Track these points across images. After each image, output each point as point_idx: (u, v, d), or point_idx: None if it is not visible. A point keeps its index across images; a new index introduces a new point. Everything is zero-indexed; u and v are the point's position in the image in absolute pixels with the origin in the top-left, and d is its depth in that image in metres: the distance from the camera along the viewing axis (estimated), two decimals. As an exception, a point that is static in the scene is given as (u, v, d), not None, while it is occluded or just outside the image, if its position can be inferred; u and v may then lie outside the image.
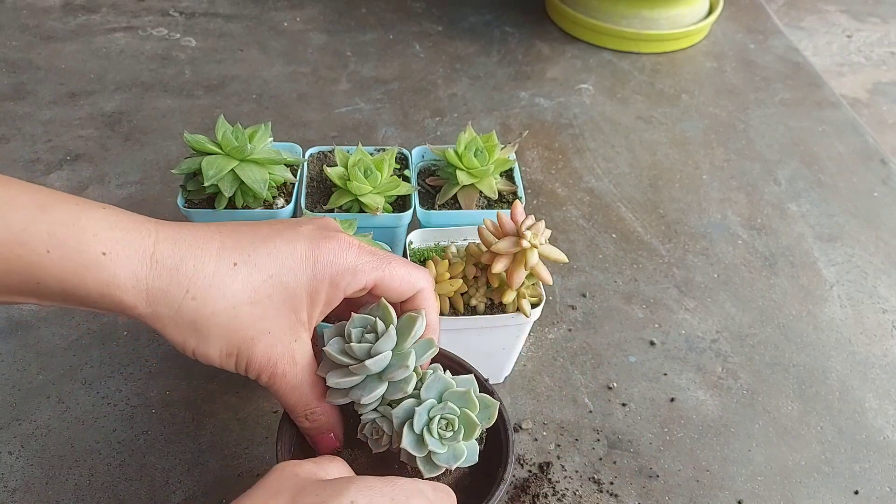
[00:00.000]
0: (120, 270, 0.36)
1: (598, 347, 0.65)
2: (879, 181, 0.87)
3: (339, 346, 0.42)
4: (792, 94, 1.00)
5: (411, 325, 0.42)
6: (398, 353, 0.41)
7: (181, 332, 0.38)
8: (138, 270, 0.36)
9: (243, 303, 0.38)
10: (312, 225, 0.42)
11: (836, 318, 0.70)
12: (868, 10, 1.56)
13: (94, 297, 0.36)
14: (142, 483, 0.53)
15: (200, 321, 0.38)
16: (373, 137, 0.86)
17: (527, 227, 0.50)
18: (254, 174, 0.59)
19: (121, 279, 0.36)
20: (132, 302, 0.37)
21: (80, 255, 0.35)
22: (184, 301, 0.37)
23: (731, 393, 0.62)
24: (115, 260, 0.36)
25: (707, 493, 0.55)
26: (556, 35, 1.08)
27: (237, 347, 0.39)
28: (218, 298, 0.38)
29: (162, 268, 0.37)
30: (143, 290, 0.36)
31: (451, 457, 0.41)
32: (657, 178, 0.84)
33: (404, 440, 0.40)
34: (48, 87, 0.91)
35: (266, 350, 0.39)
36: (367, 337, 0.41)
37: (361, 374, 0.41)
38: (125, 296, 0.36)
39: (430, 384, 0.42)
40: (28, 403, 0.57)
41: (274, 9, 1.10)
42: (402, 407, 0.41)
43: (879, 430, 0.60)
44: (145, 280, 0.36)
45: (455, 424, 0.41)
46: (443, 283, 0.53)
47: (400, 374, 0.41)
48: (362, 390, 0.41)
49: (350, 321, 0.42)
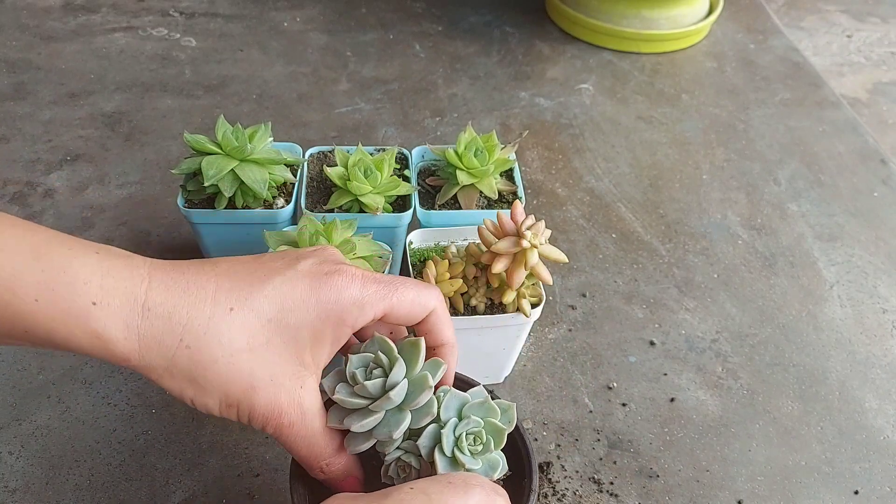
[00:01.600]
0: (110, 321, 0.34)
1: (598, 347, 0.65)
2: (879, 181, 0.87)
3: (349, 390, 0.40)
4: (792, 94, 1.00)
5: (415, 349, 0.40)
6: (414, 379, 0.39)
7: (177, 382, 0.36)
8: (129, 320, 0.34)
9: (241, 350, 0.36)
10: (313, 259, 0.39)
11: (836, 318, 0.70)
12: (868, 10, 1.56)
13: (86, 347, 0.34)
14: (142, 483, 0.53)
15: (197, 371, 0.36)
16: (373, 137, 0.86)
17: (527, 227, 0.50)
18: (254, 174, 0.59)
19: (111, 331, 0.34)
20: (124, 354, 0.35)
21: (70, 305, 0.33)
22: (178, 350, 0.35)
23: (731, 393, 0.62)
24: (105, 310, 0.34)
25: (707, 493, 0.55)
26: (556, 35, 1.08)
27: (237, 398, 0.37)
28: (214, 346, 0.36)
29: (154, 316, 0.35)
30: (135, 339, 0.35)
31: (488, 469, 0.40)
32: (657, 178, 0.84)
33: (439, 466, 0.39)
34: (48, 87, 0.91)
35: (269, 399, 0.37)
36: (376, 372, 0.39)
37: (381, 410, 0.39)
38: (116, 347, 0.35)
39: (446, 404, 0.41)
40: (28, 403, 0.57)
41: (274, 9, 1.10)
42: (425, 435, 0.39)
43: (879, 430, 0.60)
44: (137, 330, 0.35)
45: (483, 436, 0.40)
46: (443, 283, 0.53)
47: (423, 398, 0.39)
48: (388, 426, 0.39)
49: (348, 364, 0.40)
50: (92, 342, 0.34)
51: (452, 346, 0.42)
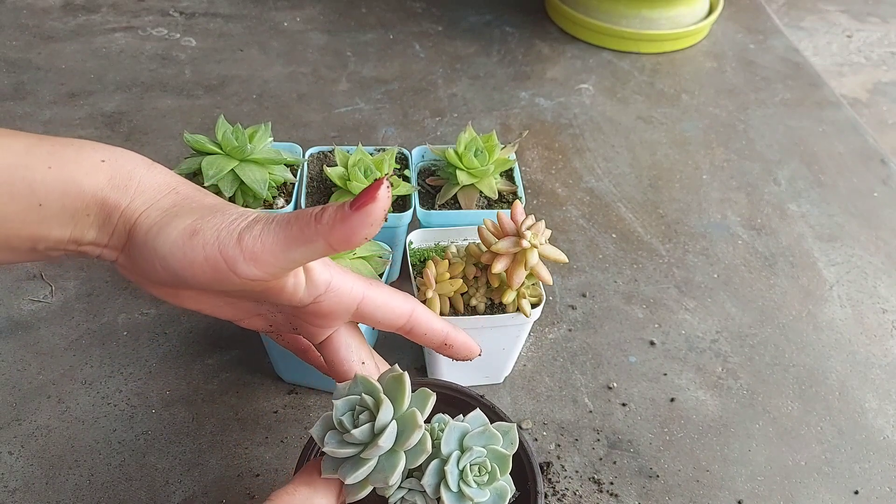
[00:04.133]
0: (117, 171, 0.37)
1: (598, 347, 0.65)
2: (879, 181, 0.87)
3: (338, 439, 0.38)
4: (792, 94, 1.00)
5: (400, 385, 0.39)
6: (402, 418, 0.38)
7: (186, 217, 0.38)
8: (136, 169, 0.38)
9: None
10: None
11: (836, 318, 0.70)
12: (868, 10, 1.56)
13: (93, 207, 0.37)
14: (142, 483, 0.53)
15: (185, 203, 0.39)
16: (373, 137, 0.86)
17: (527, 227, 0.50)
18: (254, 174, 0.59)
19: (118, 179, 0.37)
20: (119, 200, 0.37)
21: (80, 165, 0.36)
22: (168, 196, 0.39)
23: (731, 393, 0.62)
24: (113, 165, 0.37)
25: (707, 493, 0.55)
26: (556, 35, 1.08)
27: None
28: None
29: (161, 169, 0.40)
30: (137, 185, 0.38)
31: (497, 498, 0.39)
32: (657, 178, 0.84)
33: (446, 502, 0.38)
34: (48, 87, 0.91)
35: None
36: (362, 417, 0.38)
37: (373, 456, 0.38)
38: (122, 197, 0.37)
39: (447, 438, 0.40)
40: (28, 403, 0.57)
41: (274, 9, 1.10)
42: (429, 472, 0.39)
43: (879, 430, 0.60)
44: (146, 175, 0.38)
45: (488, 465, 0.39)
46: (443, 283, 0.53)
47: (415, 437, 0.37)
48: (383, 472, 0.38)
49: (334, 410, 0.39)
50: (95, 195, 0.37)
51: (452, 331, 0.45)
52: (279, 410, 0.58)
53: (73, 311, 0.64)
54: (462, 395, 0.47)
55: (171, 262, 0.36)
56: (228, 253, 0.35)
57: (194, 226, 0.36)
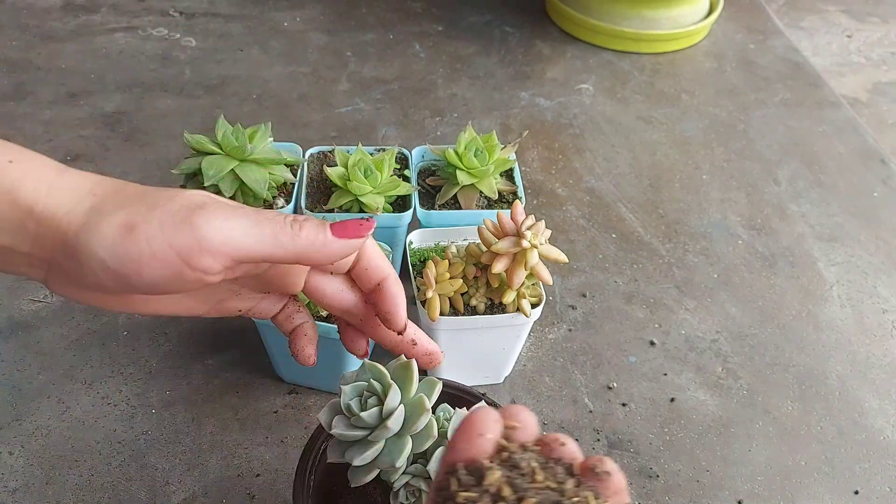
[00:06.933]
0: (27, 174, 0.33)
1: (598, 347, 0.65)
2: (879, 181, 0.87)
3: (346, 422, 0.39)
4: (792, 94, 1.00)
5: (408, 371, 0.39)
6: (410, 403, 0.39)
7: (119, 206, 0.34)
8: (47, 172, 0.34)
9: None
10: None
11: (836, 318, 0.70)
12: (868, 10, 1.56)
13: (4, 206, 0.32)
14: (142, 483, 0.53)
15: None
16: (373, 137, 0.86)
17: (527, 227, 0.50)
18: (254, 174, 0.59)
19: (29, 181, 0.33)
20: (33, 202, 0.33)
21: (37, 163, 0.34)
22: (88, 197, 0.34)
23: (731, 393, 0.62)
24: (23, 166, 0.33)
25: (707, 493, 0.55)
26: (556, 35, 1.08)
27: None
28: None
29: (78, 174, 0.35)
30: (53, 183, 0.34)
31: None
32: (657, 178, 0.84)
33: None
34: (48, 87, 0.91)
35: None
36: (371, 401, 0.39)
37: (381, 439, 0.38)
38: (35, 199, 0.33)
39: (453, 424, 0.40)
40: (28, 403, 0.57)
41: (274, 9, 1.10)
42: (435, 459, 0.39)
43: (879, 430, 0.60)
44: (56, 180, 0.34)
45: None
46: (443, 283, 0.53)
47: (422, 421, 0.38)
48: (389, 455, 0.38)
49: (342, 395, 0.39)
50: (18, 188, 0.33)
51: (381, 267, 0.38)
52: (279, 410, 0.58)
53: (73, 311, 0.64)
54: (465, 394, 0.47)
55: (112, 264, 0.32)
56: (180, 244, 0.32)
57: (129, 220, 0.33)
